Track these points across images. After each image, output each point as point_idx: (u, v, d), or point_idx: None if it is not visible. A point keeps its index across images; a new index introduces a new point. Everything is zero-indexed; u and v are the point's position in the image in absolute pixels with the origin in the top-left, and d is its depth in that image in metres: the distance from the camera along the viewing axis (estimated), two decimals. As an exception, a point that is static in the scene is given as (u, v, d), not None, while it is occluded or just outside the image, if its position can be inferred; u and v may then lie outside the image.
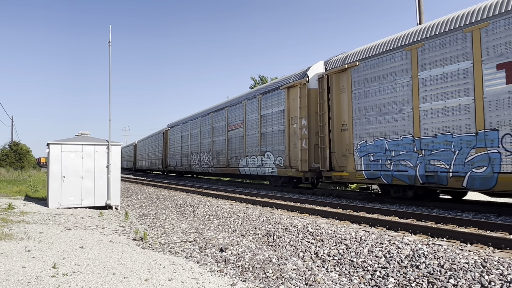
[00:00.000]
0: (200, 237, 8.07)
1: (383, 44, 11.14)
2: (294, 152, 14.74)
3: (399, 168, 10.34)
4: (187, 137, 27.51)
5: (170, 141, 32.32)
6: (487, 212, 8.69)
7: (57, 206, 12.56)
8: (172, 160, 31.12)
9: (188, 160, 27.09)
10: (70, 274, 5.30)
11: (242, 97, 19.68)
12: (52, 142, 12.78)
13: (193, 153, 26.07)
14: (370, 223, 7.86)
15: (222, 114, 21.73)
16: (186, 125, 28.18)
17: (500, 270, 4.49)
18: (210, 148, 23.05)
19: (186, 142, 27.79)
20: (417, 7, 15.05)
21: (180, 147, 29.15)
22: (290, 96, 15.15)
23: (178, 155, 29.58)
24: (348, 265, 5.45)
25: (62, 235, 8.25)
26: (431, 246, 5.63)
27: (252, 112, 18.24)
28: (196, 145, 25.71)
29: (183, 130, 28.77)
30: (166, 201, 14.01)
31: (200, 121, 25.18)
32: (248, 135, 18.38)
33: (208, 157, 23.51)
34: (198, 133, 25.35)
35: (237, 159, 19.51)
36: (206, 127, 24.10)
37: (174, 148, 30.81)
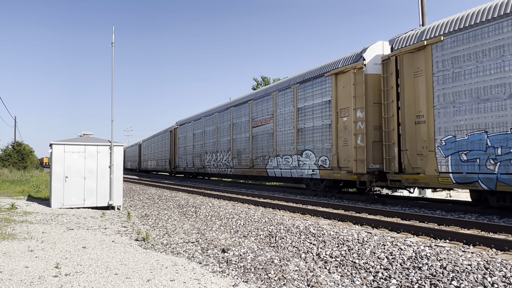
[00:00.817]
0: (202, 237, 8.08)
1: (482, 12, 8.82)
2: (345, 150, 12.36)
3: (508, 170, 8.07)
4: (200, 135, 24.93)
5: (179, 140, 29.43)
6: (490, 214, 8.66)
7: (60, 206, 12.59)
8: (182, 161, 28.51)
9: (201, 161, 24.56)
10: (72, 274, 5.32)
11: (271, 88, 17.26)
12: (55, 142, 12.83)
13: (208, 152, 23.56)
14: (373, 225, 7.85)
15: (245, 109, 19.06)
16: (199, 122, 25.49)
17: (503, 272, 4.48)
18: (229, 147, 20.47)
19: (199, 141, 25.22)
20: (420, 8, 15.04)
21: (191, 146, 26.52)
22: (338, 84, 12.72)
23: (189, 155, 26.91)
24: (350, 266, 5.44)
25: (64, 235, 8.27)
26: (434, 248, 5.61)
27: (285, 104, 15.69)
28: (211, 143, 23.23)
29: (195, 128, 26.07)
30: (168, 202, 14.03)
31: (217, 117, 22.52)
32: (280, 132, 15.91)
33: (226, 157, 20.96)
34: (214, 131, 22.83)
35: (264, 159, 17.00)
36: (224, 124, 21.55)
37: (184, 147, 28.14)
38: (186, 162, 27.67)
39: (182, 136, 28.90)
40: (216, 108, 23.30)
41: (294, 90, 15.06)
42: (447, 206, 9.70)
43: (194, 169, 26.17)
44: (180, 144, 29.26)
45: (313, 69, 14.58)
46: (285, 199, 12.61)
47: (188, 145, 27.36)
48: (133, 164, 55.58)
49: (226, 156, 21.01)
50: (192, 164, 26.27)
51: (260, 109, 17.73)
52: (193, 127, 26.56)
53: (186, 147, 27.71)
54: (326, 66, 13.64)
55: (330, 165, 13.01)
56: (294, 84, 15.15)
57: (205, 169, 24.16)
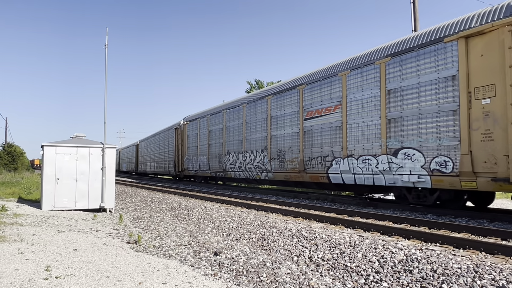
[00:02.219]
0: (194, 240, 8.06)
1: None
2: (485, 148, 8.69)
3: None
4: (219, 132, 21.12)
5: (188, 139, 25.32)
6: (480, 218, 8.76)
7: (51, 209, 12.48)
8: (192, 162, 24.53)
9: (220, 163, 20.68)
10: (63, 276, 5.28)
11: (337, 68, 13.16)
12: (46, 144, 12.73)
13: (231, 153, 19.68)
14: (364, 228, 7.89)
15: (291, 97, 15.21)
16: (217, 116, 21.59)
17: (492, 275, 4.53)
18: (265, 146, 16.52)
19: (217, 139, 21.38)
20: (412, 14, 15.20)
21: (205, 145, 22.62)
22: (471, 51, 9.13)
23: (202, 156, 23.00)
24: (342, 269, 5.47)
25: (55, 238, 8.20)
26: (425, 251, 5.66)
27: (362, 87, 11.83)
28: (236, 142, 19.32)
29: (212, 123, 22.10)
30: (160, 204, 13.97)
31: (246, 109, 18.55)
32: (354, 124, 12.04)
33: (260, 158, 16.95)
34: (240, 126, 18.92)
35: (324, 160, 13.19)
36: (256, 117, 17.61)
37: (195, 146, 24.31)
38: (198, 164, 23.64)
39: (192, 134, 24.97)
40: (244, 98, 19.46)
41: (381, 67, 11.37)
42: (438, 210, 9.78)
43: (210, 172, 22.10)
44: (190, 143, 25.26)
45: (413, 35, 10.83)
46: (278, 202, 12.62)
47: (201, 144, 23.42)
48: (129, 166, 51.74)
49: (260, 157, 16.97)
50: (207, 167, 22.27)
51: (317, 96, 13.77)
52: (209, 122, 22.50)
53: (198, 147, 23.83)
54: (444, 27, 9.97)
55: (455, 169, 9.21)
56: (381, 58, 11.42)
57: (225, 173, 20.29)
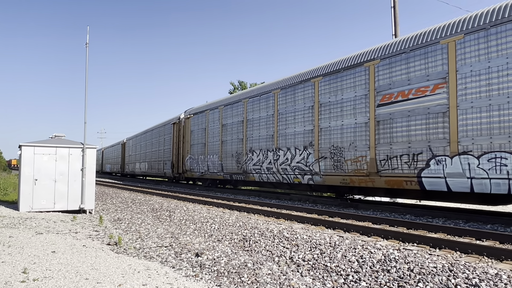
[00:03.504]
0: (176, 242, 8.03)
1: None
2: None
3: None
4: (238, 126, 17.63)
5: (192, 135, 22.10)
6: (456, 219, 9.00)
7: (29, 210, 12.21)
8: (198, 163, 21.10)
9: (239, 163, 17.29)
10: (41, 279, 5.19)
11: (435, 33, 9.81)
12: (24, 144, 12.45)
13: (255, 151, 16.19)
14: (345, 229, 8.01)
15: (355, 77, 11.69)
16: (235, 107, 18.02)
17: (466, 274, 4.68)
18: (311, 141, 13.18)
19: (234, 134, 17.94)
20: (393, 19, 15.50)
21: (217, 142, 19.30)
22: None
23: (213, 155, 19.56)
24: (322, 269, 5.54)
25: (33, 240, 8.04)
26: (402, 251, 5.80)
27: (489, 55, 8.55)
28: (263, 137, 15.79)
29: (227, 116, 18.68)
30: (142, 206, 13.84)
31: (278, 97, 14.98)
32: (471, 108, 8.75)
33: (302, 157, 13.59)
34: (270, 118, 15.41)
35: (413, 159, 9.86)
36: (295, 106, 14.08)
37: (201, 144, 20.90)
38: (206, 164, 20.20)
39: (198, 129, 21.65)
40: (275, 83, 15.70)
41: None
42: (416, 210, 10.01)
43: (223, 174, 18.75)
44: (194, 140, 21.92)
45: None
46: (260, 203, 12.67)
47: (211, 141, 19.99)
48: (114, 167, 47.50)
49: (302, 156, 13.62)
50: (219, 168, 18.97)
51: (400, 74, 10.39)
52: (223, 115, 19.08)
53: (207, 144, 20.37)
54: None
55: None
56: None
57: (246, 175, 16.90)
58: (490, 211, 10.25)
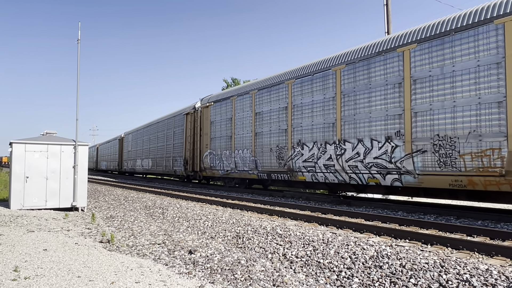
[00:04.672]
0: (169, 239, 8.01)
1: None
2: None
3: None
4: (279, 113, 14.35)
5: (213, 126, 18.98)
6: (448, 215, 9.08)
7: (20, 208, 12.09)
8: (222, 159, 17.96)
9: (282, 159, 14.12)
10: (32, 277, 5.15)
11: None
12: (15, 141, 12.32)
13: (307, 143, 13.02)
14: (337, 225, 8.05)
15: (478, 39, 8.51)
16: (274, 90, 14.71)
17: (457, 270, 4.73)
18: (398, 129, 10.08)
19: (273, 123, 14.66)
20: (385, 16, 15.56)
21: (249, 134, 16.05)
22: None
23: (243, 150, 16.46)
24: (315, 266, 5.57)
25: (24, 238, 7.97)
26: (394, 247, 5.84)
27: None
28: (318, 127, 12.56)
29: (263, 102, 15.31)
30: (134, 203, 13.78)
31: (343, 74, 11.70)
32: None
33: (383, 151, 10.46)
34: (330, 101, 12.14)
35: None
36: (369, 85, 10.84)
37: (227, 137, 17.70)
38: (233, 161, 17.05)
39: (221, 120, 18.36)
40: (334, 59, 12.33)
41: None
42: (408, 207, 10.08)
43: (259, 173, 15.46)
44: (215, 133, 18.68)
45: None
46: (253, 200, 12.68)
47: (240, 132, 16.68)
48: (110, 164, 43.95)
49: (384, 149, 10.49)
50: (253, 165, 15.65)
51: None
52: (257, 101, 15.59)
53: (234, 137, 17.07)
54: None
55: None
56: None
57: (293, 174, 13.67)
58: (481, 207, 10.36)
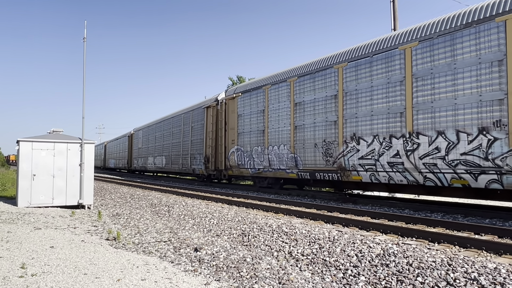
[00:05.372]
0: (174, 237, 8.02)
1: None
2: None
3: None
4: (323, 102, 12.41)
5: (241, 120, 16.81)
6: (455, 213, 9.01)
7: (27, 205, 12.19)
8: (252, 157, 15.86)
9: (330, 155, 12.09)
10: (39, 274, 5.18)
11: None
12: (22, 139, 12.40)
13: (362, 138, 11.06)
14: (343, 223, 8.01)
15: None
16: (320, 77, 12.61)
17: (465, 268, 4.68)
18: (497, 119, 8.21)
19: (317, 115, 12.65)
20: (392, 13, 15.44)
21: (286, 127, 13.98)
22: None
23: (278, 146, 14.36)
24: (321, 264, 5.54)
25: (31, 235, 8.03)
26: (401, 246, 5.80)
27: None
28: (379, 117, 10.65)
29: (305, 90, 13.23)
30: (140, 201, 13.82)
31: (414, 54, 9.92)
32: None
33: (473, 147, 8.57)
34: (396, 86, 10.28)
35: None
36: (455, 64, 8.97)
37: (257, 131, 15.68)
38: (266, 158, 14.98)
39: (250, 112, 16.25)
40: (400, 35, 10.51)
41: None
42: (415, 205, 10.02)
43: (299, 172, 13.49)
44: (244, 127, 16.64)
45: None
46: (259, 198, 12.67)
47: (276, 126, 14.57)
48: (119, 162, 41.67)
49: (476, 143, 8.58)
50: (292, 163, 13.68)
51: None
52: (297, 89, 13.60)
53: (267, 131, 15.01)
54: None
55: None
56: None
57: (345, 173, 11.70)
58: (488, 205, 10.26)
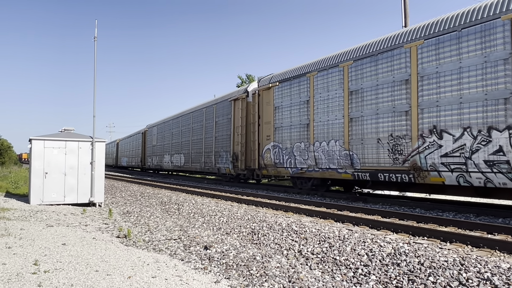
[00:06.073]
0: (184, 235, 8.06)
1: None
2: None
3: None
4: (390, 89, 10.39)
5: (278, 113, 14.52)
6: (467, 212, 8.89)
7: (39, 203, 12.35)
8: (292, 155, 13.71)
9: (397, 153, 10.16)
10: (52, 271, 5.24)
11: None
12: (34, 137, 12.57)
13: (447, 131, 9.08)
14: (354, 222, 7.96)
15: None
16: (384, 59, 10.55)
17: (478, 268, 4.62)
18: None
19: (378, 104, 10.68)
20: (403, 10, 15.28)
21: (339, 120, 11.87)
22: None
23: (328, 141, 12.29)
24: (331, 263, 5.52)
25: (44, 232, 8.13)
26: (412, 245, 5.74)
27: None
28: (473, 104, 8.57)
29: (363, 75, 11.15)
30: (150, 199, 13.91)
31: None
32: None
33: None
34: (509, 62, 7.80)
35: None
36: None
37: (299, 125, 13.47)
38: (312, 156, 12.90)
39: (290, 104, 14.00)
40: None
41: None
42: (426, 204, 9.91)
43: (356, 172, 11.42)
44: (283, 120, 14.34)
45: None
46: (268, 197, 12.65)
47: (324, 119, 12.47)
48: (131, 160, 39.77)
49: None
50: (347, 161, 11.58)
51: None
52: (352, 75, 11.47)
53: (312, 124, 12.90)
54: None
55: None
56: None
57: (421, 174, 9.73)
58: (501, 205, 10.11)
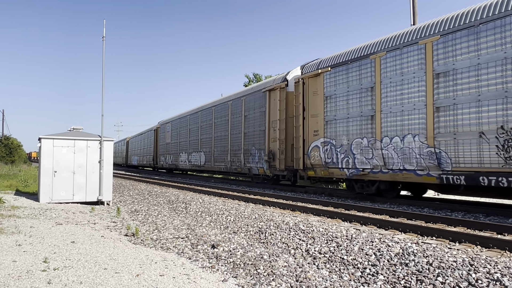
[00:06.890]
0: (192, 233, 8.09)
1: None
2: None
3: None
4: None
5: (330, 103, 12.26)
6: (476, 212, 8.81)
7: (48, 201, 12.48)
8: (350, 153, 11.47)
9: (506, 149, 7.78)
10: (61, 268, 5.29)
11: None
12: (44, 136, 12.69)
13: None
14: (361, 222, 7.93)
15: None
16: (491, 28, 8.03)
17: (487, 269, 4.57)
18: None
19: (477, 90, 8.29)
20: (412, 8, 15.17)
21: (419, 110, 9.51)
22: None
23: (402, 137, 9.94)
24: (339, 262, 5.50)
25: (53, 230, 8.21)
26: (421, 245, 5.70)
27: None
28: None
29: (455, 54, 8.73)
30: (158, 198, 13.98)
31: None
32: None
33: None
34: None
35: None
36: None
37: (359, 118, 11.22)
38: (379, 154, 10.65)
39: (347, 92, 11.72)
40: None
41: None
42: (434, 204, 9.84)
43: (446, 175, 8.98)
44: (337, 112, 12.01)
45: None
46: (276, 196, 12.65)
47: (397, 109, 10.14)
48: (142, 159, 37.83)
49: None
50: (432, 161, 9.24)
51: None
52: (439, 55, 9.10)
53: (377, 117, 10.68)
54: None
55: None
56: None
57: None
58: (511, 205, 10.00)
